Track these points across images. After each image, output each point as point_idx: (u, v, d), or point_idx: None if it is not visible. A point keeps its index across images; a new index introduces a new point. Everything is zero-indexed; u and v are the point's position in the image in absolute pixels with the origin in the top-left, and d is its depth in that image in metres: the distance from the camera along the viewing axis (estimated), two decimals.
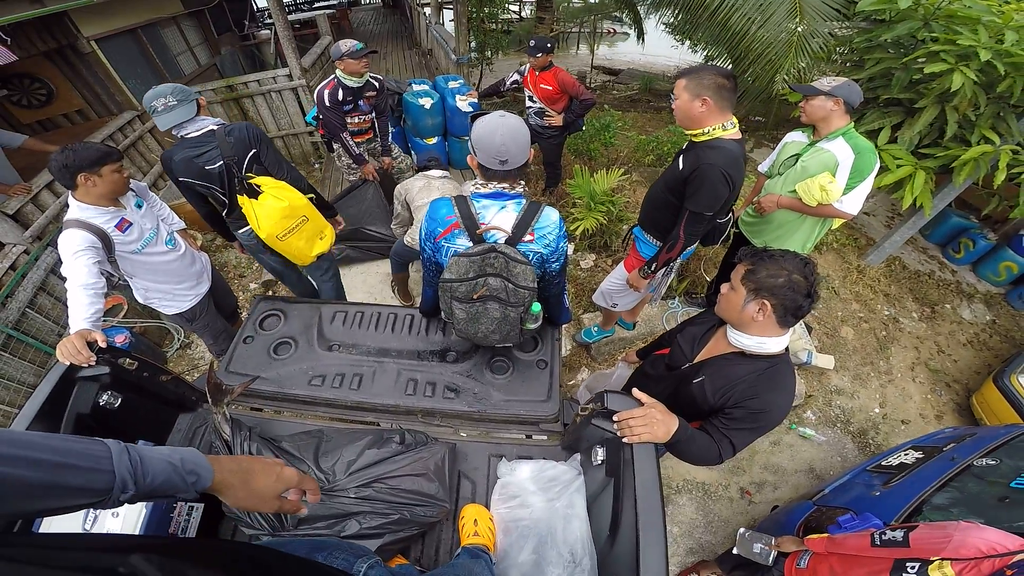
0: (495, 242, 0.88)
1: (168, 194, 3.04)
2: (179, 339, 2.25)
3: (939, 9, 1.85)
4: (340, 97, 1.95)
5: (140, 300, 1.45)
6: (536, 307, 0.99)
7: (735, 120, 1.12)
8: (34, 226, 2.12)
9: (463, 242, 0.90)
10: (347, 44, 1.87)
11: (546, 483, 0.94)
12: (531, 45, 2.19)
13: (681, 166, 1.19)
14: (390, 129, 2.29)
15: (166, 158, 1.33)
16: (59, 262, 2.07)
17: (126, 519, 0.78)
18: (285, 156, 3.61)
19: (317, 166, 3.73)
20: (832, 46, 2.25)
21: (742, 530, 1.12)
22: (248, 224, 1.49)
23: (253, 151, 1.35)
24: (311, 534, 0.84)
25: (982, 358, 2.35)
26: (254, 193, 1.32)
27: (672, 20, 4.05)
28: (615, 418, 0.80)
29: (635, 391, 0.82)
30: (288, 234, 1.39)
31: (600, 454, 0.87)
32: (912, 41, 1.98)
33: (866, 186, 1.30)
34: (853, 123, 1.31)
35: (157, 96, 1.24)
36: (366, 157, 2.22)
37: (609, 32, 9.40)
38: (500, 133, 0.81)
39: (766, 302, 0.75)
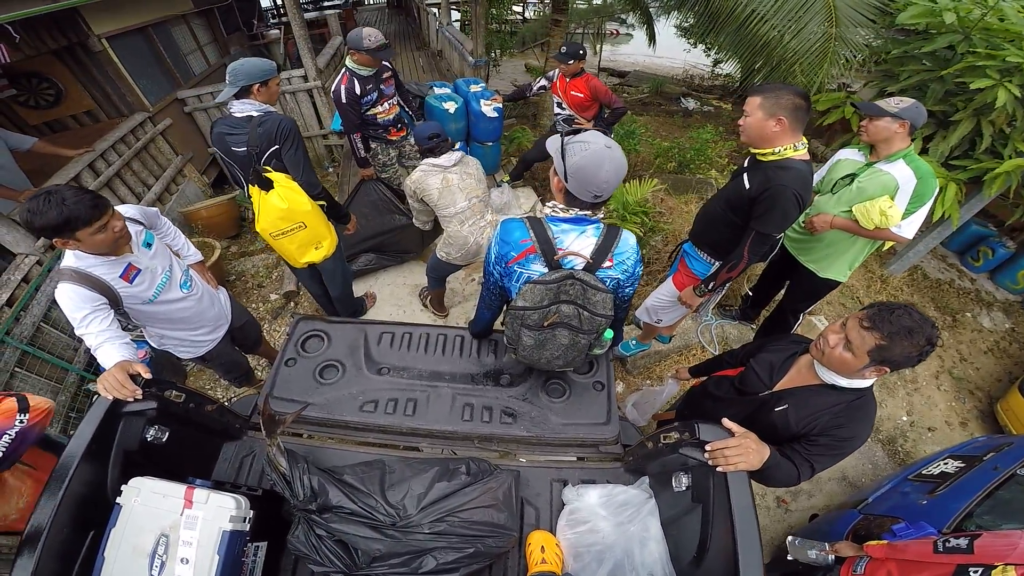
0: (572, 268, 0.85)
1: (182, 198, 2.95)
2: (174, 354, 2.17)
3: (978, 23, 1.84)
4: (358, 91, 1.86)
5: (154, 346, 1.33)
6: (608, 333, 0.96)
7: (805, 141, 1.10)
8: None
9: (538, 267, 0.87)
10: (370, 39, 1.74)
11: (617, 507, 0.93)
12: (562, 52, 2.14)
13: (748, 185, 1.16)
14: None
15: (212, 126, 1.41)
16: None
17: (198, 567, 0.74)
18: None
19: (331, 169, 3.66)
20: (866, 56, 2.24)
21: (790, 538, 1.14)
22: None
23: (275, 147, 1.35)
24: (387, 573, 0.81)
25: (1003, 365, 2.39)
26: (267, 185, 1.33)
27: (686, 23, 4.03)
28: (709, 448, 0.80)
29: (726, 421, 0.83)
30: (281, 235, 1.40)
31: (685, 480, 0.87)
32: (949, 53, 1.98)
33: (925, 210, 1.28)
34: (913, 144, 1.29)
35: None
36: (371, 161, 2.14)
37: (612, 33, 9.36)
38: (606, 169, 0.76)
39: (886, 368, 0.75)
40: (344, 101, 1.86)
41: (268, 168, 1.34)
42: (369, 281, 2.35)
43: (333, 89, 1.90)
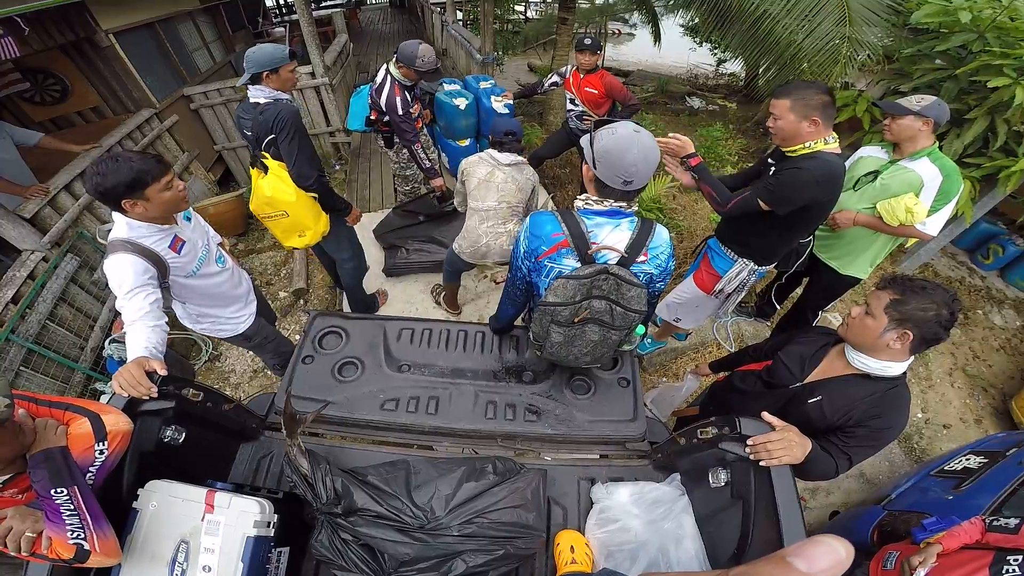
0: (606, 263, 0.83)
1: (189, 195, 2.90)
2: (207, 351, 2.15)
3: (992, 22, 1.84)
4: (409, 100, 1.87)
5: (189, 326, 1.31)
6: (640, 329, 0.94)
7: (836, 135, 1.09)
8: (52, 231, 2.00)
9: (570, 262, 0.85)
10: (423, 60, 1.74)
11: (649, 505, 0.92)
12: (586, 43, 2.12)
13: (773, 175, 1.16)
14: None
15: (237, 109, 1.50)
16: (78, 270, 1.98)
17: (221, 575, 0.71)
18: None
19: (338, 167, 3.63)
20: (878, 55, 2.23)
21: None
22: None
23: (271, 136, 1.36)
24: None
25: (1015, 363, 2.38)
26: (265, 170, 1.39)
27: (692, 22, 4.02)
28: (751, 442, 0.78)
29: (766, 415, 0.81)
30: (267, 219, 1.48)
31: (723, 476, 0.85)
32: (962, 52, 1.98)
33: (950, 208, 1.28)
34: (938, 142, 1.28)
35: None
36: (436, 169, 2.10)
37: (615, 33, 9.39)
38: (634, 151, 0.75)
39: (908, 332, 0.74)
40: (400, 112, 1.85)
41: (266, 155, 1.36)
42: (380, 278, 2.33)
43: (387, 102, 1.86)
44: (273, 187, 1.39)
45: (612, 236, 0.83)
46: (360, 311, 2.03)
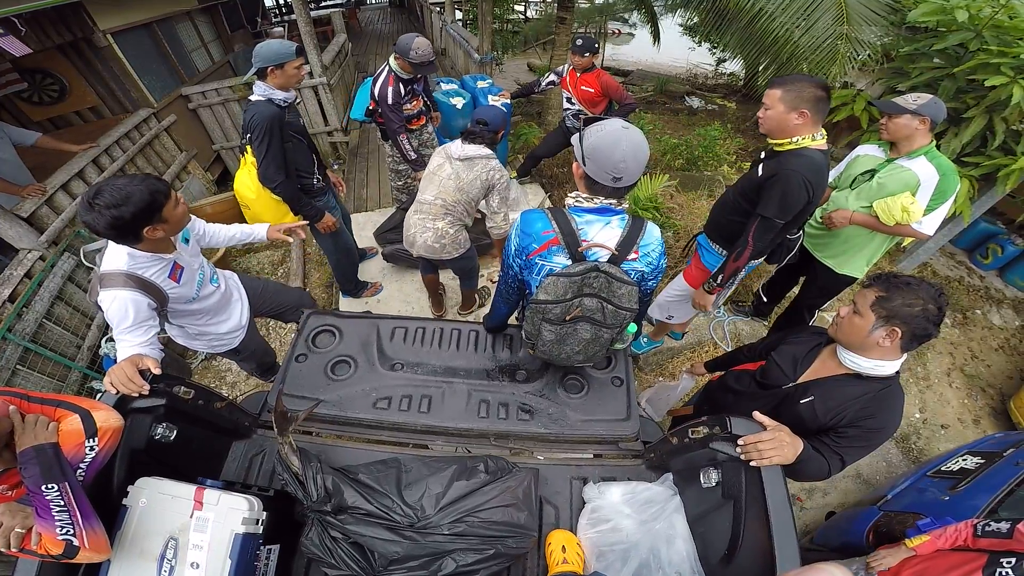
0: (597, 260, 0.82)
1: (187, 195, 2.92)
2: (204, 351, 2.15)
3: (989, 20, 1.84)
4: (402, 92, 1.89)
5: (183, 343, 1.29)
6: (632, 327, 0.94)
7: (824, 132, 1.09)
8: (49, 230, 2.00)
9: (560, 260, 0.84)
10: (416, 52, 1.77)
11: (641, 505, 0.92)
12: (578, 44, 2.12)
13: (760, 173, 1.15)
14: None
15: None
16: (76, 269, 1.98)
17: (209, 571, 0.71)
18: None
19: (336, 167, 3.63)
20: (877, 54, 2.23)
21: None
22: None
23: (248, 135, 1.40)
24: None
25: (1014, 363, 2.37)
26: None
27: (691, 22, 4.02)
28: (742, 441, 0.78)
29: (757, 415, 0.81)
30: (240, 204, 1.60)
31: (714, 476, 0.85)
32: (960, 51, 1.97)
33: (946, 207, 1.27)
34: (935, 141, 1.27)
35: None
36: (420, 154, 2.10)
37: (615, 33, 9.38)
38: (622, 147, 0.74)
39: (897, 329, 0.74)
40: (390, 102, 1.87)
41: (249, 148, 1.44)
42: (381, 273, 2.33)
43: (379, 91, 1.89)
44: (240, 181, 1.49)
45: (603, 234, 0.83)
46: (348, 288, 2.07)
